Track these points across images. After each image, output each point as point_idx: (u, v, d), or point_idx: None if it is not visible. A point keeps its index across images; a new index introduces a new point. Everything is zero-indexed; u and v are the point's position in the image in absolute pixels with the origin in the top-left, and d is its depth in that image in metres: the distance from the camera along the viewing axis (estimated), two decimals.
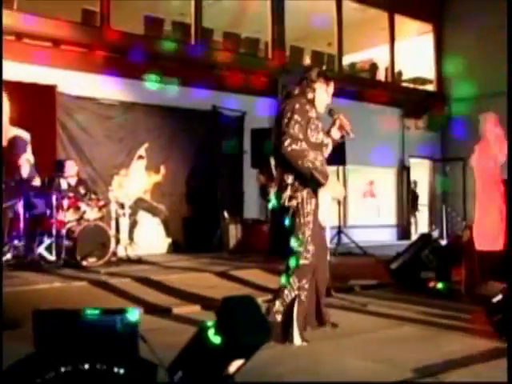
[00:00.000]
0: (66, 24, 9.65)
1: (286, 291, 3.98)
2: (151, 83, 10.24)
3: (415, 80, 15.64)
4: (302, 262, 3.97)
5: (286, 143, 3.90)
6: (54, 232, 7.17)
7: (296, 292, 3.95)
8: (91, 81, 9.59)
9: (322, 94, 4.22)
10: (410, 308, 5.20)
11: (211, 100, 10.77)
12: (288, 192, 4.01)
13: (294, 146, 3.89)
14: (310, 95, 4.16)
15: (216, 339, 2.61)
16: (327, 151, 4.28)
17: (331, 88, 4.28)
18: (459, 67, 14.78)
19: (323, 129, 4.22)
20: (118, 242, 8.09)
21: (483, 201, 5.91)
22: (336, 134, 4.33)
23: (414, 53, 15.80)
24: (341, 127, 4.30)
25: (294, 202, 4.00)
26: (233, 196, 10.95)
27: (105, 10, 9.96)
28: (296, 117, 3.96)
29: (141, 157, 8.91)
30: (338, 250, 9.27)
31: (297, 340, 3.86)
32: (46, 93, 8.85)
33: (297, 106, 4.01)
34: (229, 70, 11.38)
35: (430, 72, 15.71)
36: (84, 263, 7.19)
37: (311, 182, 3.95)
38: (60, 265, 7.05)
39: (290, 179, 4.02)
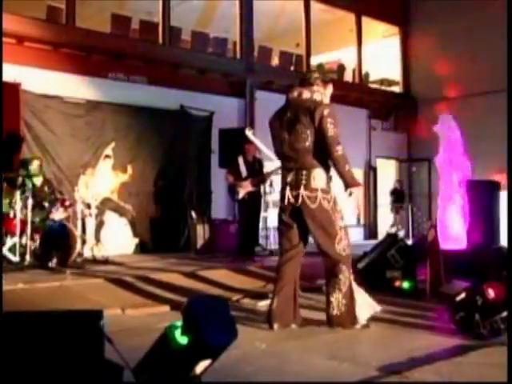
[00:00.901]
0: (31, 21, 9.49)
1: (341, 283, 4.31)
2: (118, 82, 10.15)
3: (382, 81, 15.84)
4: (347, 253, 4.37)
5: (338, 147, 4.23)
6: (17, 232, 7.04)
7: (349, 280, 4.33)
8: (57, 79, 9.45)
9: (328, 96, 4.54)
10: None
11: (179, 99, 10.73)
12: (320, 194, 4.31)
13: (344, 151, 4.25)
14: (325, 99, 4.45)
15: (182, 340, 2.61)
16: None
17: (329, 91, 4.61)
18: (425, 69, 15.02)
19: None
20: (84, 242, 8.00)
21: (446, 201, 6.03)
22: None
23: (381, 54, 16.00)
24: None
25: (329, 204, 4.35)
26: (201, 196, 10.92)
27: (70, 8, 9.83)
28: (335, 122, 4.29)
29: (108, 156, 8.81)
30: (306, 249, 9.30)
31: (362, 319, 4.28)
32: (10, 91, 8.67)
33: (331, 111, 4.33)
34: (197, 69, 11.35)
35: (396, 74, 15.93)
36: (49, 264, 7.08)
37: (345, 184, 4.32)
38: (24, 266, 6.93)
39: (320, 183, 4.32)
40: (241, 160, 8.50)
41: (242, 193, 8.33)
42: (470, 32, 13.81)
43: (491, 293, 4.01)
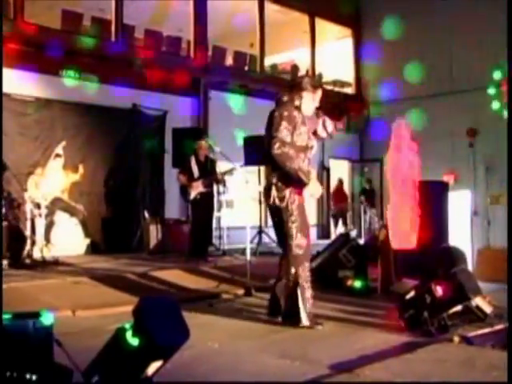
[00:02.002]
0: None
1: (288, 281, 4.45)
2: (69, 79, 9.96)
3: (335, 82, 16.03)
4: (295, 253, 4.40)
5: (276, 146, 4.30)
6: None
7: (296, 280, 4.42)
8: (4, 75, 9.16)
9: (309, 100, 4.63)
10: (327, 306, 5.31)
11: (132, 98, 10.60)
12: (273, 192, 4.41)
13: (282, 149, 4.29)
14: (297, 102, 4.56)
15: (133, 341, 2.58)
16: (312, 152, 4.63)
17: (318, 95, 4.68)
18: (377, 71, 15.28)
19: (308, 132, 4.56)
20: (33, 243, 7.81)
21: (396, 201, 6.14)
22: (322, 132, 4.74)
23: (334, 56, 16.20)
24: (324, 127, 4.70)
25: (282, 202, 4.40)
26: (153, 196, 10.83)
27: (19, 2, 9.58)
28: (284, 123, 4.36)
29: (58, 155, 8.65)
30: (259, 249, 9.35)
31: (305, 321, 4.34)
32: None
33: (285, 113, 4.41)
34: (150, 68, 11.24)
35: (349, 75, 16.15)
36: None
37: (296, 182, 4.35)
38: None
39: (274, 179, 4.42)
40: (193, 160, 8.46)
41: (193, 193, 8.30)
42: (421, 34, 14.13)
43: (439, 291, 4.12)
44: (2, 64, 5.19)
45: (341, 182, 15.16)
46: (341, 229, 14.11)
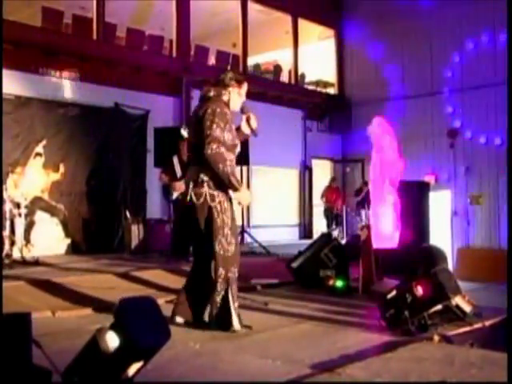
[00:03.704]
0: None
1: (217, 284, 4.21)
2: (50, 78, 9.87)
3: (318, 83, 16.09)
4: (225, 254, 4.21)
5: (211, 146, 4.07)
6: None
7: (226, 282, 4.21)
8: None
9: (235, 96, 4.41)
10: (309, 306, 5.32)
11: (113, 97, 10.54)
12: (205, 189, 4.18)
13: (218, 150, 4.08)
14: (225, 97, 4.34)
15: (113, 342, 2.55)
16: (237, 151, 4.41)
17: (244, 89, 4.46)
18: (359, 71, 15.37)
19: (235, 129, 4.38)
20: (12, 243, 7.73)
21: (378, 201, 6.17)
22: (246, 129, 4.53)
23: (317, 56, 16.26)
24: (248, 123, 4.50)
25: (213, 201, 4.19)
26: (135, 195, 10.77)
27: None
28: (217, 120, 4.13)
29: (38, 154, 8.58)
30: (241, 249, 9.33)
31: (236, 326, 4.16)
32: None
33: (218, 109, 4.18)
34: (132, 67, 11.19)
35: (331, 75, 16.21)
36: None
37: (226, 186, 4.18)
38: None
39: (206, 177, 4.18)
40: (175, 159, 8.42)
41: (175, 193, 8.27)
42: (402, 35, 14.24)
43: (420, 290, 4.15)
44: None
45: (333, 179, 15.02)
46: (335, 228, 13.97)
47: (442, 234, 9.71)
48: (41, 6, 10.61)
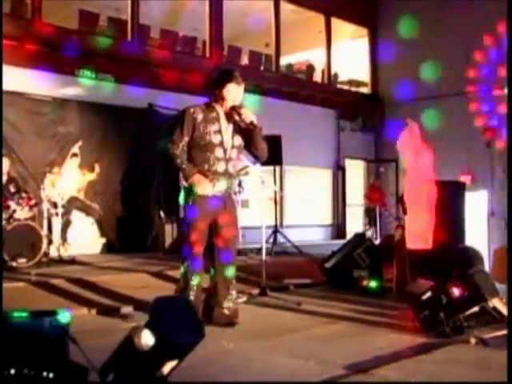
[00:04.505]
0: None
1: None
2: (85, 79, 10.02)
3: (351, 82, 15.97)
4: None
5: (168, 147, 4.46)
6: None
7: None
8: (21, 75, 9.27)
9: (225, 97, 4.43)
10: (342, 306, 5.30)
11: (147, 98, 10.63)
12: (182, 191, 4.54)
13: (172, 151, 4.43)
14: (209, 100, 4.52)
15: (148, 340, 2.58)
16: (230, 149, 4.46)
17: (228, 90, 4.43)
18: (392, 70, 15.20)
19: (219, 128, 4.43)
20: (50, 242, 7.87)
21: (413, 201, 6.11)
22: (241, 122, 4.52)
23: (349, 55, 16.14)
24: (239, 115, 4.47)
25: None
26: (169, 195, 10.83)
27: (36, 2, 9.66)
28: (181, 124, 4.40)
29: (74, 155, 8.71)
30: (274, 249, 9.35)
31: None
32: None
33: (183, 113, 4.45)
34: (165, 67, 11.28)
35: (365, 74, 16.08)
36: (13, 264, 6.96)
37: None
38: None
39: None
40: None
41: None
42: (437, 33, 14.04)
43: (455, 291, 4.09)
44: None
45: (376, 178, 14.50)
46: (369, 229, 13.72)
47: (478, 235, 9.53)
48: (77, 9, 10.79)
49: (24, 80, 9.29)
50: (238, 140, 4.51)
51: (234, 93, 4.43)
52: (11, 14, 9.75)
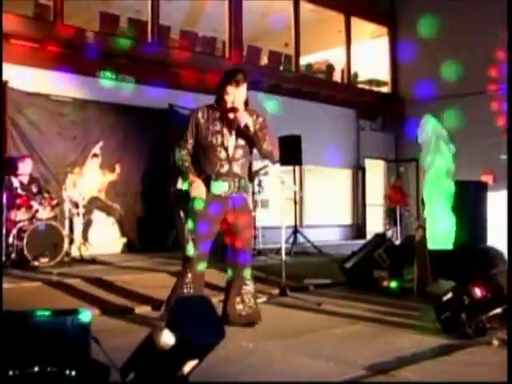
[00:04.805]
0: (18, 18, 9.42)
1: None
2: (106, 80, 10.11)
3: (371, 82, 15.90)
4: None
5: (175, 150, 4.55)
6: (4, 231, 6.98)
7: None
8: (43, 77, 9.39)
9: (226, 97, 4.41)
10: (362, 306, 5.28)
11: (167, 98, 10.69)
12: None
13: (177, 153, 4.53)
14: (215, 101, 4.52)
15: (169, 340, 2.59)
16: (234, 149, 4.42)
17: (227, 91, 4.41)
18: (413, 70, 15.09)
19: (220, 129, 4.42)
20: (71, 241, 7.95)
21: (433, 201, 6.06)
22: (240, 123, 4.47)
23: (369, 55, 16.05)
24: (234, 116, 4.43)
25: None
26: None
27: (58, 5, 9.77)
28: (186, 126, 4.48)
29: (95, 155, 8.79)
30: (294, 249, 9.34)
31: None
32: None
33: (189, 115, 4.56)
34: (185, 68, 11.33)
35: (385, 74, 15.99)
36: (35, 263, 7.04)
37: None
38: (9, 265, 6.86)
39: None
40: None
41: None
42: (457, 32, 13.90)
43: (478, 292, 4.04)
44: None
45: (398, 177, 14.11)
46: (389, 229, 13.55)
47: (500, 235, 9.43)
48: (98, 11, 10.89)
49: (46, 81, 9.40)
50: (244, 139, 4.47)
51: (232, 95, 4.39)
52: (34, 17, 9.88)
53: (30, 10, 9.94)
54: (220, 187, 4.42)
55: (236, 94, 4.41)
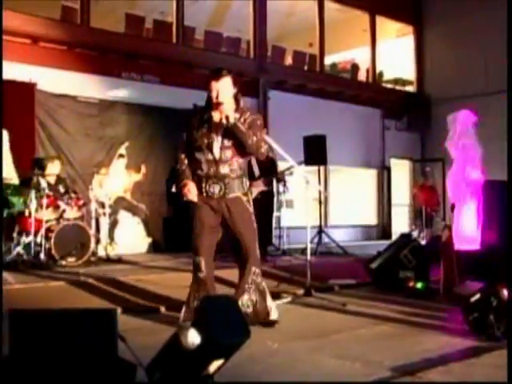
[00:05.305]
0: (45, 21, 9.57)
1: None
2: (131, 81, 10.20)
3: (396, 81, 15.77)
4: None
5: (178, 152, 4.69)
6: (32, 231, 7.09)
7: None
8: (71, 79, 9.52)
9: (210, 95, 4.48)
10: (388, 307, 5.23)
11: (192, 99, 10.71)
12: None
13: (177, 156, 4.68)
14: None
15: (195, 339, 2.61)
16: (220, 150, 4.38)
17: (211, 86, 4.50)
18: (439, 68, 14.94)
19: (207, 130, 4.43)
20: (97, 241, 8.03)
21: (460, 201, 5.99)
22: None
23: (395, 54, 15.94)
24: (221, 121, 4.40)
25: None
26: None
27: (85, 8, 9.90)
28: (185, 128, 4.62)
29: (121, 156, 8.86)
30: (319, 249, 9.31)
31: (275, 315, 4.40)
32: (25, 90, 8.77)
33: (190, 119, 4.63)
34: (210, 68, 11.34)
35: (410, 73, 15.85)
36: (63, 263, 7.14)
37: None
38: (38, 265, 6.97)
39: None
40: (253, 159, 8.48)
41: (254, 192, 8.31)
42: (484, 31, 13.72)
43: (506, 294, 3.98)
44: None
45: (426, 177, 13.55)
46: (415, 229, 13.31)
47: None
48: (124, 13, 10.99)
49: (73, 83, 9.52)
50: (231, 140, 4.37)
51: (215, 90, 4.43)
52: (61, 20, 10.01)
53: (58, 13, 10.08)
54: (210, 190, 4.43)
55: (219, 88, 4.43)
